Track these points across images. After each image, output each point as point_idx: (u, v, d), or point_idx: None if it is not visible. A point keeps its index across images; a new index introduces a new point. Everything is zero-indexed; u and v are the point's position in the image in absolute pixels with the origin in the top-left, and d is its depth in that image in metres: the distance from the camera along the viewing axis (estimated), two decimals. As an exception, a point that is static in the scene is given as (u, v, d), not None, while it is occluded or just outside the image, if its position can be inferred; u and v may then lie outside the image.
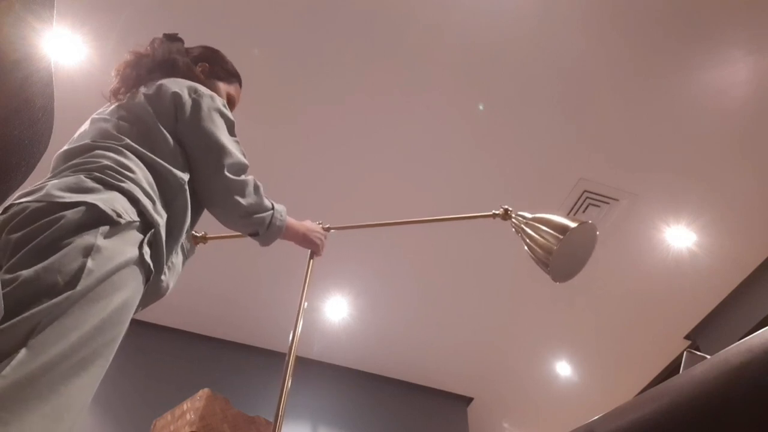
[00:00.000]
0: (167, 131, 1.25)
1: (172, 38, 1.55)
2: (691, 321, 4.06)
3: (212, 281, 3.90)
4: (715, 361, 0.79)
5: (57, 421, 0.83)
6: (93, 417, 3.50)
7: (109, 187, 1.05)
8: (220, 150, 1.30)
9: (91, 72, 2.89)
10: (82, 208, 0.98)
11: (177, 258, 1.18)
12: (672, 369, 4.31)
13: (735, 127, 3.06)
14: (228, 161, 1.31)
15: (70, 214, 0.96)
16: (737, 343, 0.80)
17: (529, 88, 3.00)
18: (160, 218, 1.10)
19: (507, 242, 3.67)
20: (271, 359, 4.23)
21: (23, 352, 0.81)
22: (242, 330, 4.24)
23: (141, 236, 1.05)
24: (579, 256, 1.71)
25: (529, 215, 1.73)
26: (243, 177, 1.35)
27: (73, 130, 1.30)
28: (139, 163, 1.15)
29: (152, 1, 2.74)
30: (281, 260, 3.74)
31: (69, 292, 0.88)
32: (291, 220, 1.52)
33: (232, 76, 1.66)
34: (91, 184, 1.04)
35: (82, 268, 0.91)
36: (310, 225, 1.66)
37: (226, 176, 1.30)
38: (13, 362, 0.79)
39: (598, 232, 1.70)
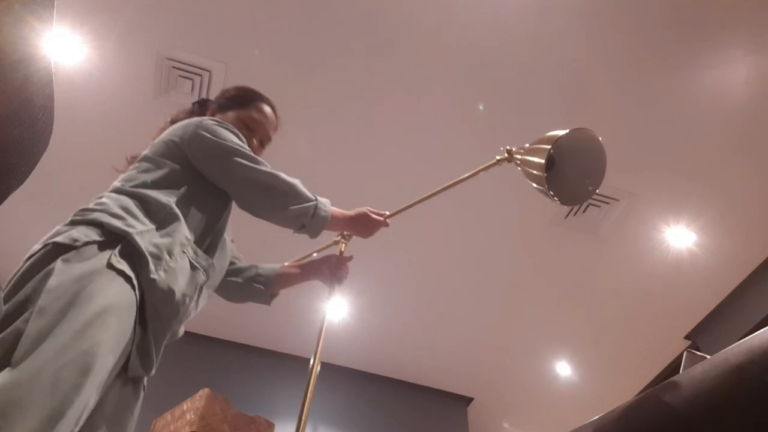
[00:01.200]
0: (166, 159, 1.35)
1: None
2: (691, 321, 4.05)
3: (212, 281, 3.90)
4: (715, 361, 0.79)
5: (53, 426, 0.88)
6: (93, 417, 3.49)
7: (76, 223, 1.15)
8: (233, 153, 1.38)
9: (91, 72, 2.89)
10: (47, 248, 1.09)
11: (178, 263, 1.19)
12: (672, 369, 4.31)
13: (735, 128, 3.06)
14: (245, 161, 1.38)
15: (36, 256, 1.08)
16: (737, 343, 0.80)
17: (529, 88, 3.00)
18: (133, 229, 1.15)
19: (507, 242, 3.67)
20: (271, 359, 4.23)
21: (6, 371, 0.89)
22: (242, 330, 4.24)
23: (108, 250, 1.11)
24: (588, 170, 1.49)
25: (528, 145, 1.60)
26: (269, 169, 1.40)
27: (73, 130, 1.30)
28: (115, 195, 1.24)
29: (152, 1, 2.74)
30: (281, 260, 3.74)
31: (31, 308, 0.97)
32: (336, 210, 1.54)
33: (242, 99, 1.67)
34: (62, 228, 1.15)
35: (40, 288, 1.00)
36: (358, 210, 1.64)
37: (250, 175, 1.37)
38: None
39: (600, 138, 1.45)
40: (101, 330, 0.99)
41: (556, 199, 1.49)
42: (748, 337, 0.78)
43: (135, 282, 1.10)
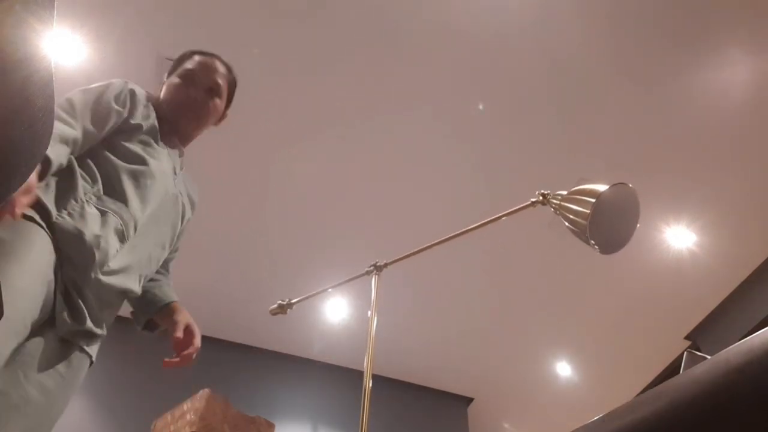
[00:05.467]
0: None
1: None
2: (692, 321, 4.05)
3: (212, 281, 3.90)
4: (716, 361, 0.78)
5: None
6: (93, 417, 3.49)
7: None
8: None
9: (91, 72, 2.89)
10: None
11: (84, 209, 1.18)
12: (672, 369, 4.31)
13: (735, 128, 3.06)
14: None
15: None
16: (737, 343, 0.80)
17: (530, 89, 3.00)
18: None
19: (507, 242, 3.67)
20: (271, 359, 4.23)
21: None
22: (242, 330, 4.24)
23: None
24: (624, 223, 1.59)
25: (565, 193, 1.65)
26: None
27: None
28: None
29: (152, 1, 2.74)
30: (282, 260, 3.74)
31: None
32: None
33: (176, 61, 1.59)
34: None
35: None
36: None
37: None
38: None
39: (637, 191, 1.57)
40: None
41: (596, 247, 1.55)
42: (748, 338, 0.78)
43: (44, 225, 1.09)
